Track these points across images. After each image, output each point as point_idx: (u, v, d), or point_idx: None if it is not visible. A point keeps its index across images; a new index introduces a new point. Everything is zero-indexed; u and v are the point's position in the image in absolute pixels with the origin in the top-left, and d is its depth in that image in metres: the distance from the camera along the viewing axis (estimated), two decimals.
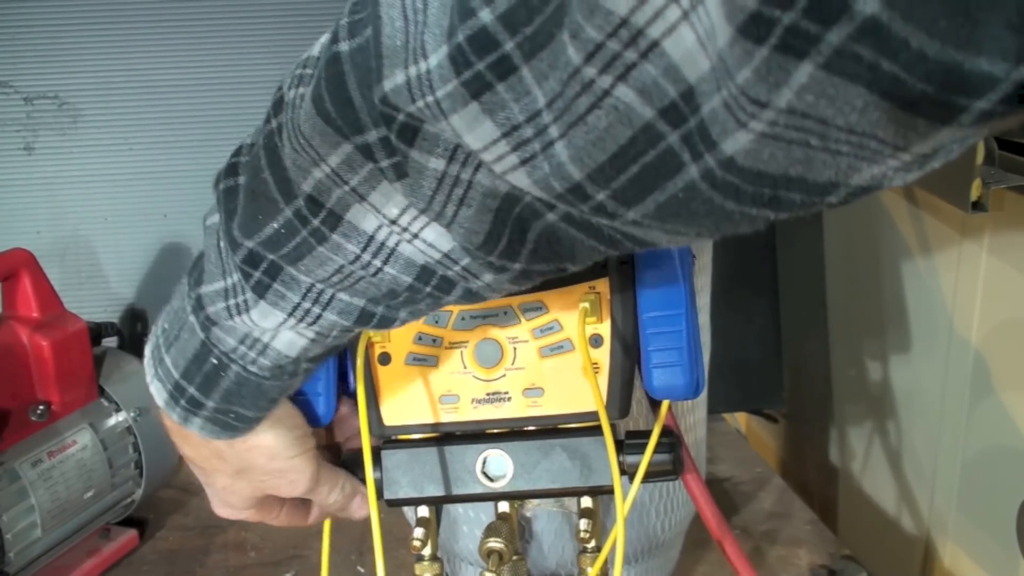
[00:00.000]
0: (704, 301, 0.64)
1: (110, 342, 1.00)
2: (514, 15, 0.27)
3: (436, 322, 0.51)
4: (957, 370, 0.86)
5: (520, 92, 0.28)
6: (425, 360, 0.51)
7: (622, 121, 0.26)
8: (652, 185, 0.28)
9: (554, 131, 0.28)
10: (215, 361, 0.42)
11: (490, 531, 0.51)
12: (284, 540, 0.95)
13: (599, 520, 0.52)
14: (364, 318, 0.39)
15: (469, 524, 0.62)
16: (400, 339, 0.51)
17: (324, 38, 0.33)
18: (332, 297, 0.38)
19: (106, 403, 0.91)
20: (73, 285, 1.18)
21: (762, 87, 0.23)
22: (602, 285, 0.49)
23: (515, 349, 0.50)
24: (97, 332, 0.94)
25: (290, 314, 0.39)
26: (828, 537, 0.96)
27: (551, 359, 0.50)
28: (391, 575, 0.48)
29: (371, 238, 0.35)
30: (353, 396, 0.51)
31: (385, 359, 0.52)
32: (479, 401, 0.51)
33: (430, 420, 0.51)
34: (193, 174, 1.17)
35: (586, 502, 0.52)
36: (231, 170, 0.38)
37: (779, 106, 0.23)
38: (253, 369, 0.42)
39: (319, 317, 0.39)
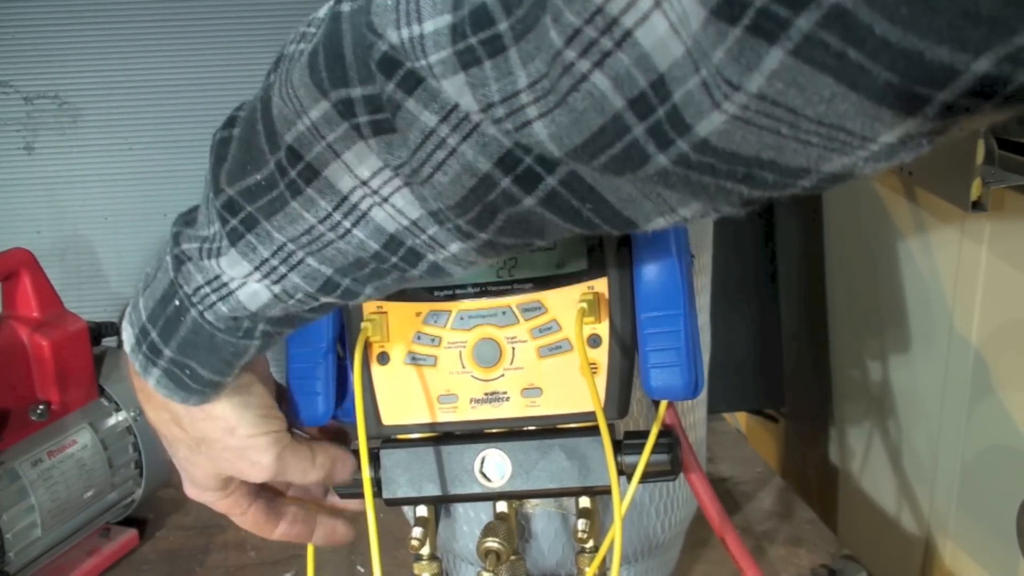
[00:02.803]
0: (704, 301, 0.64)
1: (110, 342, 1.00)
2: None
3: (435, 322, 0.51)
4: (957, 370, 0.86)
5: (503, 72, 0.29)
6: (424, 360, 0.51)
7: (595, 108, 0.27)
8: (621, 172, 0.29)
9: (532, 111, 0.29)
10: (177, 303, 0.42)
11: (488, 531, 0.51)
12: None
13: (597, 520, 0.52)
14: (329, 287, 0.39)
15: (468, 523, 0.62)
16: (399, 339, 0.51)
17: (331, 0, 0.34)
18: (300, 260, 0.38)
19: (106, 403, 0.91)
20: (73, 285, 1.18)
21: (735, 68, 0.23)
22: (600, 285, 0.49)
23: (514, 349, 0.50)
24: (97, 332, 0.94)
25: (257, 267, 0.39)
26: (828, 537, 0.95)
27: (550, 359, 0.50)
28: (391, 575, 0.48)
29: (344, 198, 0.36)
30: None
31: (384, 359, 0.52)
32: (478, 401, 0.51)
33: (428, 420, 0.51)
34: (193, 174, 1.17)
35: (584, 502, 0.52)
36: (229, 122, 0.39)
37: (750, 90, 0.24)
38: (209, 317, 0.42)
39: (284, 277, 0.39)
